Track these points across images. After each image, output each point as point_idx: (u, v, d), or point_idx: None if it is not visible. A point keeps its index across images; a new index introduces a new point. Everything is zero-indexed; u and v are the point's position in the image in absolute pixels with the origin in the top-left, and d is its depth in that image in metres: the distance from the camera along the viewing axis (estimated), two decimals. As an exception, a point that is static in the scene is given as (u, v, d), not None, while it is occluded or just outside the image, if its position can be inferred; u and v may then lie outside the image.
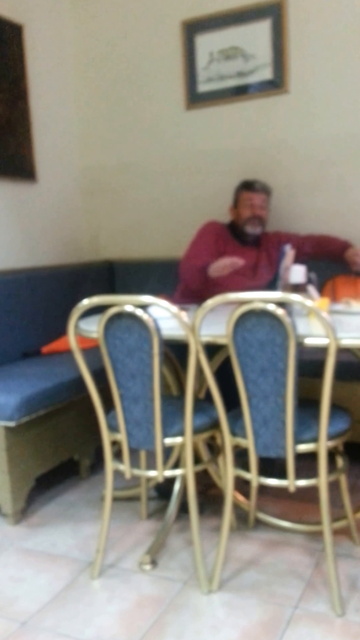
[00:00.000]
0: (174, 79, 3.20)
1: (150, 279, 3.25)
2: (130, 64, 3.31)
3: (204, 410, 1.91)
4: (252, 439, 1.70)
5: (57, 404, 2.35)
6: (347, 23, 2.79)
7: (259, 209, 2.67)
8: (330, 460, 1.76)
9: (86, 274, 3.25)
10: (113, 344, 1.74)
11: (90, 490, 2.51)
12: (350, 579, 1.81)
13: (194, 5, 3.08)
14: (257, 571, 1.88)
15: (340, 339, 1.54)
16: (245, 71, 3.01)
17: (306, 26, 2.87)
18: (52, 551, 2.06)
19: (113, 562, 1.98)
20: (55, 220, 3.38)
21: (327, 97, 2.88)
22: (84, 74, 3.44)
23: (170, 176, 3.31)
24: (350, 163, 2.89)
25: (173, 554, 2.00)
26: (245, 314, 1.57)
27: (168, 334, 1.71)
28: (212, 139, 3.17)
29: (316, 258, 2.75)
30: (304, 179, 2.99)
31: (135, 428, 1.81)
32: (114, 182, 3.49)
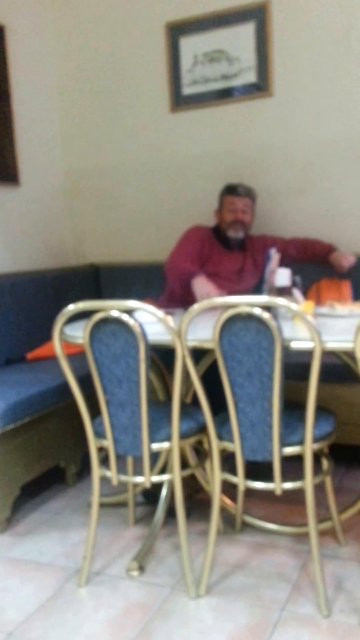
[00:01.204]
0: (159, 82, 3.22)
1: (136, 283, 3.27)
2: (114, 66, 3.33)
3: (190, 414, 1.94)
4: (239, 443, 1.72)
5: (42, 411, 2.36)
6: (330, 27, 2.84)
7: (242, 214, 2.70)
8: (316, 462, 1.79)
9: (71, 279, 3.26)
10: (99, 350, 1.76)
11: (76, 497, 2.51)
12: (336, 580, 1.84)
13: (179, 8, 3.11)
14: (244, 574, 1.91)
15: (325, 342, 1.58)
16: (229, 74, 3.05)
17: (290, 29, 2.91)
18: (39, 559, 2.07)
19: (100, 569, 1.99)
20: (39, 224, 3.39)
21: (310, 100, 2.93)
22: (67, 76, 3.45)
23: (155, 179, 3.34)
24: (334, 166, 2.93)
25: (161, 559, 2.02)
26: (232, 318, 1.59)
27: (154, 339, 1.73)
28: (196, 141, 3.20)
29: (301, 261, 2.79)
30: (289, 182, 3.03)
31: (121, 434, 1.83)
32: (98, 186, 3.50)
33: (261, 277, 2.44)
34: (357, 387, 2.43)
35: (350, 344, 1.53)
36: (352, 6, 2.78)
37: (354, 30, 2.80)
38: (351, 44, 2.81)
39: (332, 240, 2.86)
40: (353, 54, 2.82)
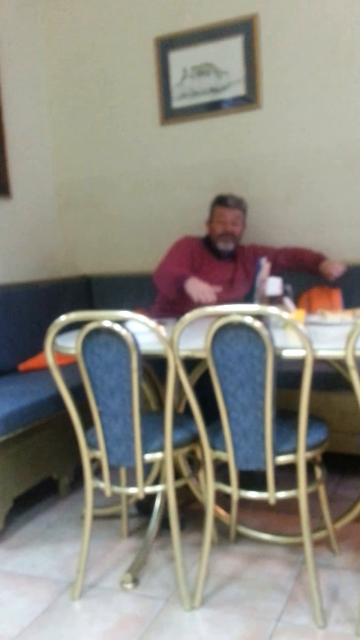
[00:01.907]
0: (149, 95, 3.24)
1: (128, 293, 3.26)
2: (104, 80, 3.35)
3: (183, 424, 1.92)
4: (232, 452, 1.71)
5: (34, 422, 2.34)
6: (317, 40, 2.87)
7: (231, 225, 2.71)
8: (309, 471, 1.79)
9: (63, 290, 3.25)
10: (91, 360, 1.75)
11: (70, 509, 2.49)
12: (331, 590, 1.83)
13: (168, 23, 3.14)
14: (238, 586, 1.89)
15: (317, 350, 1.58)
16: (218, 87, 3.08)
17: (277, 43, 2.94)
18: (32, 573, 2.04)
19: (94, 582, 1.96)
20: (30, 236, 3.38)
21: (298, 112, 2.96)
22: (59, 89, 3.47)
23: (146, 191, 3.35)
24: (322, 176, 2.96)
25: (155, 571, 2.00)
26: (223, 327, 1.59)
27: (146, 348, 1.73)
28: (186, 153, 3.22)
29: (291, 270, 2.80)
30: (278, 192, 3.05)
31: (114, 445, 1.82)
32: (89, 197, 3.51)
33: (252, 287, 2.45)
34: (349, 395, 2.43)
35: (342, 351, 1.53)
36: (338, 19, 2.82)
37: (340, 43, 2.83)
38: (338, 57, 2.85)
39: (321, 249, 2.88)
40: (339, 67, 2.85)
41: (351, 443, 2.45)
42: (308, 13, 2.86)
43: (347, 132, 2.88)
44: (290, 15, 2.90)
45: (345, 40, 2.82)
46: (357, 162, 2.88)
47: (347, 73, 2.84)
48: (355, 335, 1.48)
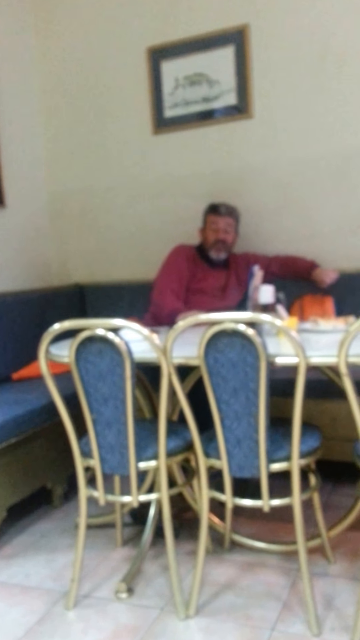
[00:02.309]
0: (141, 105, 3.26)
1: (121, 302, 3.26)
2: (98, 90, 3.36)
3: (177, 432, 1.92)
4: (226, 460, 1.71)
5: (28, 431, 2.32)
6: (307, 49, 2.90)
7: (223, 233, 2.72)
8: (303, 478, 1.78)
9: (56, 298, 3.25)
10: (85, 368, 1.74)
11: (64, 518, 2.47)
12: (326, 598, 1.82)
13: (160, 32, 3.16)
14: (233, 594, 1.88)
15: (310, 358, 1.58)
16: (210, 97, 3.10)
17: (268, 52, 2.97)
18: (26, 583, 2.02)
19: (88, 591, 1.95)
20: (24, 245, 3.38)
21: (289, 121, 2.98)
22: (52, 99, 3.48)
23: (139, 200, 3.36)
24: (313, 185, 2.98)
25: (149, 580, 1.99)
26: (217, 334, 1.59)
27: (140, 356, 1.73)
28: (179, 163, 3.23)
29: (284, 278, 2.82)
30: (270, 201, 3.07)
31: (108, 453, 1.81)
32: (82, 207, 3.51)
33: (245, 294, 2.45)
34: (343, 403, 2.43)
35: (334, 358, 1.54)
36: (328, 29, 2.85)
37: (330, 53, 2.86)
38: (328, 66, 2.88)
39: (312, 257, 2.89)
40: (330, 76, 2.88)
41: (345, 450, 2.45)
42: (298, 23, 2.89)
43: (338, 141, 2.91)
44: (281, 26, 2.93)
45: (335, 51, 2.85)
46: (348, 171, 2.91)
47: (337, 83, 2.87)
48: (347, 342, 1.48)
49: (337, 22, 2.83)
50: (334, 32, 2.84)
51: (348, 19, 2.81)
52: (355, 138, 2.87)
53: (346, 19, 2.81)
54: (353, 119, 2.86)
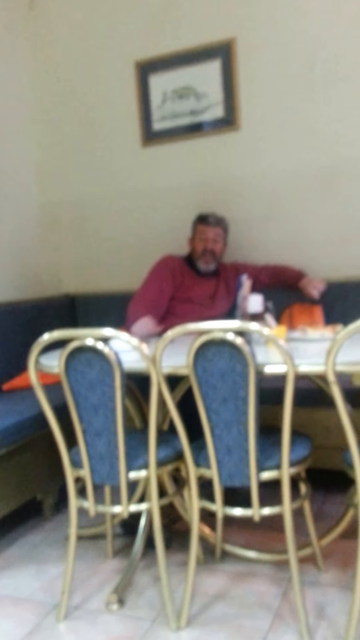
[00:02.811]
0: (130, 118, 3.27)
1: (111, 312, 3.26)
2: (86, 103, 3.38)
3: (167, 442, 1.91)
4: (216, 469, 1.70)
5: (18, 442, 2.30)
6: (293, 62, 2.93)
7: (212, 243, 2.73)
8: (294, 487, 1.78)
9: (47, 309, 3.23)
10: (74, 378, 1.73)
11: (54, 530, 2.44)
12: (317, 607, 1.80)
13: (147, 47, 3.18)
14: (225, 604, 1.86)
15: (298, 366, 1.58)
16: (198, 109, 3.12)
17: (254, 66, 3.00)
18: (16, 595, 1.99)
19: (79, 603, 1.92)
20: (15, 256, 3.37)
21: (276, 133, 3.00)
22: (42, 113, 3.49)
23: (129, 211, 3.36)
24: (300, 195, 3.00)
25: (140, 591, 1.96)
26: (205, 343, 1.59)
27: (129, 366, 1.72)
28: (168, 174, 3.24)
29: (272, 287, 2.82)
30: (258, 211, 3.08)
31: (98, 463, 1.79)
32: (73, 218, 3.51)
33: (234, 303, 2.45)
34: (334, 411, 2.43)
35: (322, 366, 1.54)
36: (314, 42, 2.88)
37: (316, 65, 2.89)
38: (313, 79, 2.90)
39: (300, 267, 2.90)
40: (315, 89, 2.91)
41: (335, 459, 2.45)
42: (284, 36, 2.93)
43: (324, 152, 2.93)
44: (267, 39, 2.96)
45: (320, 64, 2.88)
46: (334, 182, 2.93)
47: (322, 95, 2.90)
48: (334, 350, 1.48)
49: (323, 35, 2.86)
50: (320, 45, 2.87)
51: (334, 32, 2.84)
52: (341, 149, 2.89)
53: (332, 32, 2.84)
54: (339, 131, 2.89)
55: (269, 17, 2.94)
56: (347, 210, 2.92)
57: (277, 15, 2.92)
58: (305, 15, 2.88)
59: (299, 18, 2.89)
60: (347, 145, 2.88)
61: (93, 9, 3.29)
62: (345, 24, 2.81)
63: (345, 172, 2.90)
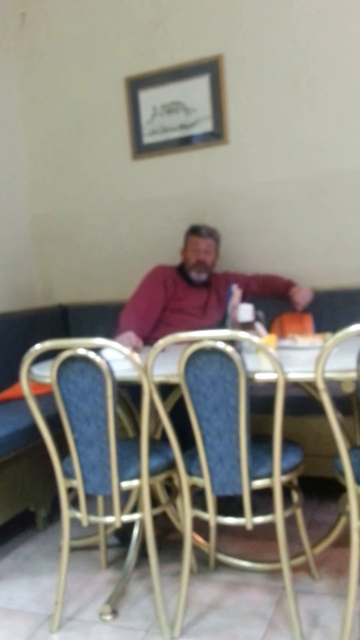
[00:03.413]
0: (120, 132, 3.29)
1: (104, 322, 3.25)
2: (78, 118, 3.39)
3: (159, 451, 1.89)
4: (208, 478, 1.68)
5: (10, 453, 2.27)
6: (280, 78, 2.96)
7: (204, 254, 2.73)
8: (286, 495, 1.76)
9: (39, 319, 3.22)
10: (66, 388, 1.72)
11: (47, 541, 2.41)
12: (311, 616, 1.78)
13: (137, 63, 3.21)
14: (219, 614, 1.83)
15: (288, 374, 1.57)
16: (187, 124, 3.14)
17: (242, 81, 3.02)
18: (9, 606, 1.96)
19: (73, 614, 1.89)
20: (7, 268, 3.36)
21: (263, 146, 3.02)
22: (34, 128, 3.50)
23: (120, 222, 3.37)
24: (287, 207, 3.01)
25: (134, 602, 1.93)
26: (196, 352, 1.58)
27: (121, 375, 1.71)
28: (158, 187, 3.25)
29: (263, 296, 2.83)
30: (247, 222, 3.09)
31: (90, 473, 1.77)
32: (65, 230, 3.51)
33: (225, 313, 2.45)
34: (324, 419, 2.42)
35: (312, 374, 1.53)
36: (299, 58, 2.91)
37: (302, 80, 2.92)
38: (299, 94, 2.93)
39: (289, 276, 2.91)
40: (301, 103, 2.93)
41: (327, 466, 2.43)
42: (270, 53, 2.96)
43: (310, 165, 2.95)
44: (253, 55, 2.99)
45: (305, 79, 2.91)
46: (320, 193, 2.95)
47: (308, 109, 2.93)
48: (323, 358, 1.48)
49: (307, 51, 2.89)
50: (305, 61, 2.91)
51: (318, 48, 2.87)
52: (327, 162, 2.92)
53: (316, 48, 2.88)
54: (324, 144, 2.91)
55: (255, 35, 2.97)
56: (333, 221, 2.94)
57: (262, 33, 2.96)
58: (290, 33, 2.91)
59: (284, 36, 2.92)
60: (332, 158, 2.90)
61: (83, 27, 3.32)
62: (328, 42, 2.85)
63: (331, 185, 2.92)
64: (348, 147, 2.88)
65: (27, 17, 3.42)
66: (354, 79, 2.84)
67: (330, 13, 2.82)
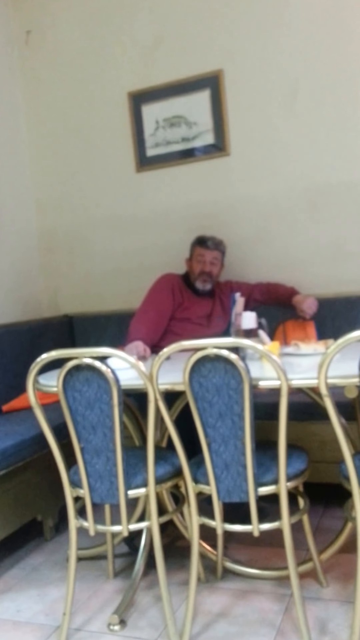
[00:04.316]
0: (124, 145, 3.31)
1: (109, 331, 3.24)
2: (82, 132, 3.41)
3: (166, 458, 1.87)
4: (215, 485, 1.66)
5: (17, 463, 2.26)
6: (278, 91, 2.97)
7: (210, 265, 2.73)
8: (293, 502, 1.74)
9: (46, 330, 3.22)
10: (72, 397, 1.71)
11: (55, 551, 2.38)
12: (319, 623, 1.75)
13: (140, 79, 3.23)
14: (227, 623, 1.80)
15: (291, 380, 1.56)
16: (189, 137, 3.15)
17: (242, 95, 3.04)
18: (17, 618, 1.93)
19: (81, 625, 1.86)
20: (14, 279, 3.37)
21: (263, 158, 3.03)
22: (40, 142, 3.52)
23: (124, 234, 3.38)
24: (288, 216, 3.01)
25: (142, 611, 1.90)
26: (200, 360, 1.57)
27: (127, 384, 1.69)
28: (161, 198, 3.26)
29: (266, 304, 2.82)
30: (249, 232, 3.09)
31: (97, 482, 1.76)
32: (70, 242, 3.52)
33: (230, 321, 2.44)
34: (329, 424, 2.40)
35: (315, 380, 1.52)
36: (296, 71, 2.93)
37: (299, 94, 2.93)
38: (297, 107, 2.95)
39: (291, 284, 2.90)
40: (299, 116, 2.95)
41: (333, 472, 2.41)
42: (268, 67, 2.97)
43: (310, 175, 2.95)
44: (252, 70, 3.01)
45: (304, 92, 2.93)
46: (320, 202, 2.95)
47: (306, 121, 2.94)
48: (326, 364, 1.46)
49: (304, 65, 2.91)
50: (303, 74, 2.92)
51: (315, 63, 2.89)
52: (326, 173, 2.92)
53: (313, 62, 2.89)
54: (323, 155, 2.92)
55: (253, 50, 2.99)
56: (333, 229, 2.94)
57: (260, 49, 2.98)
58: (287, 48, 2.93)
59: (282, 50, 2.94)
60: (331, 169, 2.91)
61: (87, 44, 3.35)
62: (324, 57, 2.87)
63: (330, 194, 2.92)
64: (346, 158, 2.89)
65: (32, 35, 3.46)
66: (350, 91, 2.85)
67: (325, 29, 2.85)
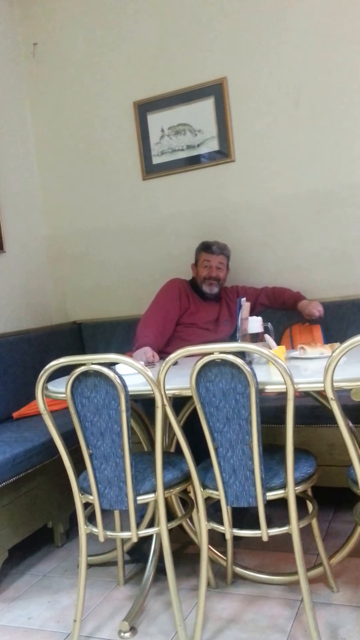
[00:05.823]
0: (130, 153, 3.32)
1: (117, 337, 3.24)
2: (89, 141, 3.43)
3: (174, 464, 1.86)
4: (223, 490, 1.65)
5: (28, 470, 2.25)
6: (280, 98, 2.98)
7: (216, 270, 2.73)
8: (302, 506, 1.72)
9: (55, 337, 3.22)
10: (81, 403, 1.70)
11: (66, 558, 2.37)
12: (330, 628, 1.72)
13: (145, 88, 3.25)
14: (237, 629, 1.78)
15: (298, 384, 1.54)
16: (194, 144, 3.16)
17: (245, 102, 3.05)
18: (28, 625, 1.92)
19: (91, 632, 1.85)
20: (23, 287, 3.38)
21: (267, 163, 3.03)
22: (47, 151, 3.55)
23: (131, 240, 3.38)
24: (293, 220, 3.01)
25: (152, 618, 1.89)
26: (207, 365, 1.56)
27: (134, 389, 1.69)
28: (168, 204, 3.27)
29: (272, 308, 2.81)
30: (255, 237, 3.09)
31: (106, 488, 1.75)
32: (78, 249, 3.54)
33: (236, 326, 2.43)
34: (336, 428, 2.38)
35: (321, 384, 1.50)
36: (299, 78, 2.93)
37: (302, 100, 2.93)
38: (299, 113, 2.94)
39: (297, 288, 2.89)
40: (301, 122, 2.95)
41: (341, 476, 2.39)
42: (271, 74, 2.98)
43: (313, 179, 2.95)
44: (255, 77, 3.01)
45: (306, 98, 2.93)
46: (325, 206, 2.94)
47: (309, 127, 2.93)
48: (332, 367, 1.45)
49: (307, 71, 2.91)
50: (305, 80, 2.92)
51: (317, 68, 2.89)
52: (329, 177, 2.92)
53: (315, 68, 2.89)
54: (326, 160, 2.91)
55: (256, 58, 3.00)
56: (338, 233, 2.93)
57: (263, 56, 2.99)
58: (289, 56, 2.94)
59: (284, 58, 2.95)
60: (334, 172, 2.91)
61: (93, 55, 3.37)
62: (326, 63, 2.87)
63: (335, 198, 2.92)
64: (349, 163, 2.88)
65: (39, 47, 3.49)
66: (352, 96, 2.84)
67: (326, 36, 2.86)
